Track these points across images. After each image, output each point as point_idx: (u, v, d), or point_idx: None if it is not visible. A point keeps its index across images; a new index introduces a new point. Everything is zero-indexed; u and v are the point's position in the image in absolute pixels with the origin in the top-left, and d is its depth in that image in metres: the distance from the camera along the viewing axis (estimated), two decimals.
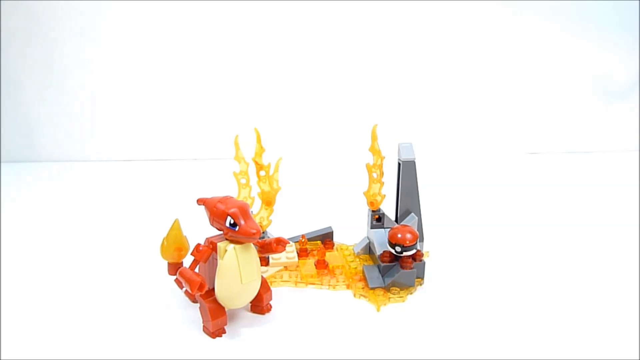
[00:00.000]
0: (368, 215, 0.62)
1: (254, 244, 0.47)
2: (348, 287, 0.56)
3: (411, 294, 0.54)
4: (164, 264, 0.50)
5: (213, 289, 0.45)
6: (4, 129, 1.38)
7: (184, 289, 0.50)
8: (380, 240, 0.59)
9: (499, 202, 0.92)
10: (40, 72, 1.33)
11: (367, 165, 0.60)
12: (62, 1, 1.27)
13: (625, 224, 0.78)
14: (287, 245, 0.49)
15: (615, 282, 0.57)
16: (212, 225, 0.46)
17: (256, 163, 0.58)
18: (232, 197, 0.46)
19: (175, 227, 0.49)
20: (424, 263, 0.56)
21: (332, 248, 0.65)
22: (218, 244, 0.45)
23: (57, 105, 1.36)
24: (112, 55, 1.33)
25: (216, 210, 0.44)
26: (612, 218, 0.82)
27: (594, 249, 0.67)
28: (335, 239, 0.67)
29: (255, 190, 0.59)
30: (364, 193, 0.61)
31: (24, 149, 1.39)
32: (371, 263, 0.61)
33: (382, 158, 0.59)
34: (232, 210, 0.43)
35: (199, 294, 0.43)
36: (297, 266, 0.60)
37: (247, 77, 1.35)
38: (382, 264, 0.55)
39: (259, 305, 0.50)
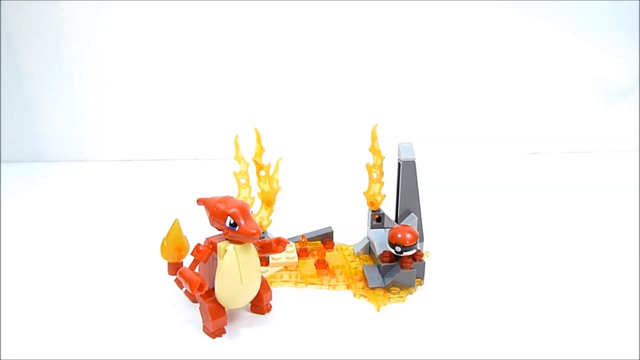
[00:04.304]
0: (368, 215, 0.62)
1: (254, 244, 0.47)
2: (348, 287, 0.56)
3: (411, 294, 0.54)
4: (164, 264, 0.50)
5: (213, 289, 0.45)
6: (5, 129, 1.38)
7: (184, 289, 0.50)
8: (380, 240, 0.59)
9: (499, 202, 0.92)
10: (41, 72, 1.33)
11: (367, 165, 0.60)
12: (63, 1, 1.27)
13: (625, 224, 0.78)
14: (287, 245, 0.49)
15: (615, 282, 0.57)
16: (212, 225, 0.46)
17: (256, 163, 0.58)
18: (232, 197, 0.46)
19: (175, 227, 0.49)
20: (424, 263, 0.56)
21: (332, 248, 0.65)
22: (218, 244, 0.45)
23: (58, 105, 1.36)
24: (112, 55, 1.33)
25: (216, 210, 0.44)
26: (612, 218, 0.82)
27: (594, 249, 0.67)
28: (335, 239, 0.67)
29: (255, 190, 0.59)
30: (364, 193, 0.61)
31: (24, 149, 1.39)
32: (371, 263, 0.61)
33: (382, 158, 0.59)
34: (232, 210, 0.43)
35: (199, 294, 0.43)
36: (297, 266, 0.60)
37: (247, 77, 1.35)
38: (382, 264, 0.55)
39: (259, 305, 0.50)
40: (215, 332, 0.46)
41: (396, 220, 0.61)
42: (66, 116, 1.36)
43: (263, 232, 0.60)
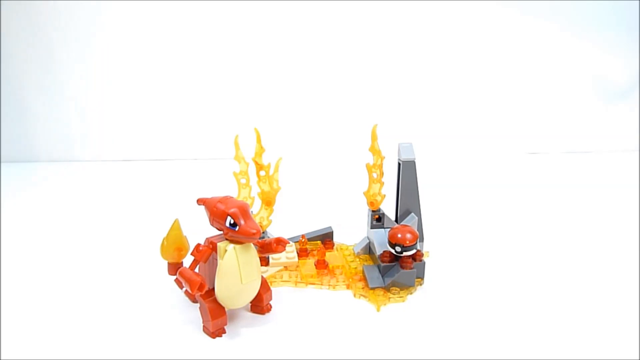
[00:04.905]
0: (368, 215, 0.62)
1: (254, 244, 0.47)
2: (348, 287, 0.56)
3: (411, 294, 0.54)
4: (164, 264, 0.50)
5: (213, 289, 0.45)
6: (4, 129, 1.38)
7: (184, 289, 0.50)
8: (380, 240, 0.59)
9: (499, 202, 0.92)
10: (40, 72, 1.33)
11: (367, 165, 0.60)
12: (62, 1, 1.27)
13: (625, 224, 0.78)
14: (287, 245, 0.49)
15: (615, 282, 0.57)
16: (212, 225, 0.46)
17: (256, 163, 0.58)
18: (232, 197, 0.46)
19: (175, 227, 0.49)
20: (424, 263, 0.56)
21: (332, 248, 0.65)
22: (218, 244, 0.45)
23: (57, 105, 1.36)
24: (112, 55, 1.33)
25: (216, 210, 0.44)
26: (612, 218, 0.82)
27: (594, 249, 0.67)
28: (335, 239, 0.67)
29: (255, 190, 0.59)
30: (364, 193, 0.61)
31: (23, 149, 1.39)
32: (371, 263, 0.61)
33: (382, 158, 0.59)
34: (232, 210, 0.43)
35: (199, 294, 0.43)
36: (297, 266, 0.60)
37: (247, 77, 1.35)
38: (382, 264, 0.55)
39: (259, 305, 0.50)
40: (215, 332, 0.46)
41: (396, 220, 0.61)
42: (65, 116, 1.36)
43: (263, 232, 0.60)
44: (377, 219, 0.61)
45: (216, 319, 0.46)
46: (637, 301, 0.52)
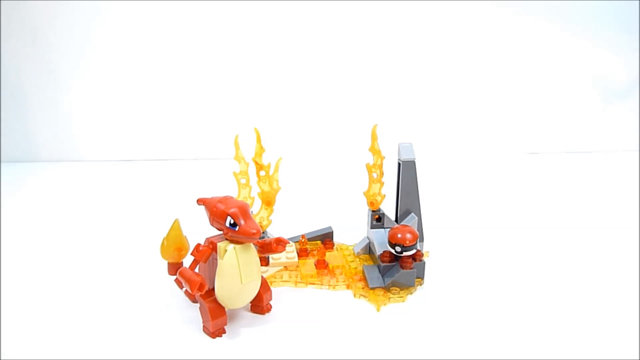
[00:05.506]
0: (368, 215, 0.62)
1: (254, 244, 0.47)
2: (348, 287, 0.56)
3: (411, 294, 0.54)
4: (164, 264, 0.50)
5: (213, 289, 0.46)
6: (4, 129, 1.38)
7: (184, 289, 0.50)
8: (380, 240, 0.59)
9: (498, 202, 0.92)
10: (40, 72, 1.33)
11: (367, 165, 0.60)
12: (62, 1, 1.27)
13: (625, 224, 0.78)
14: (287, 245, 0.49)
15: (615, 282, 0.57)
16: (212, 225, 0.46)
17: (256, 163, 0.58)
18: (232, 197, 0.46)
19: (175, 227, 0.49)
20: (424, 263, 0.56)
21: (332, 248, 0.65)
22: (218, 244, 0.45)
23: (57, 105, 1.35)
24: (111, 55, 1.33)
25: (216, 210, 0.44)
26: (612, 218, 0.82)
27: (594, 249, 0.67)
28: (335, 239, 0.67)
29: (255, 190, 0.59)
30: (364, 193, 0.61)
31: (24, 149, 1.39)
32: (371, 263, 0.61)
33: (382, 158, 0.60)
34: (232, 210, 0.43)
35: (199, 294, 0.43)
36: (297, 266, 0.60)
37: (247, 77, 1.35)
38: (382, 264, 0.55)
39: (259, 305, 0.50)
40: (215, 332, 0.46)
41: (396, 220, 0.61)
42: (65, 116, 1.36)
43: (263, 232, 0.60)
44: (377, 219, 0.61)
45: (216, 319, 0.46)
46: (637, 301, 0.52)
